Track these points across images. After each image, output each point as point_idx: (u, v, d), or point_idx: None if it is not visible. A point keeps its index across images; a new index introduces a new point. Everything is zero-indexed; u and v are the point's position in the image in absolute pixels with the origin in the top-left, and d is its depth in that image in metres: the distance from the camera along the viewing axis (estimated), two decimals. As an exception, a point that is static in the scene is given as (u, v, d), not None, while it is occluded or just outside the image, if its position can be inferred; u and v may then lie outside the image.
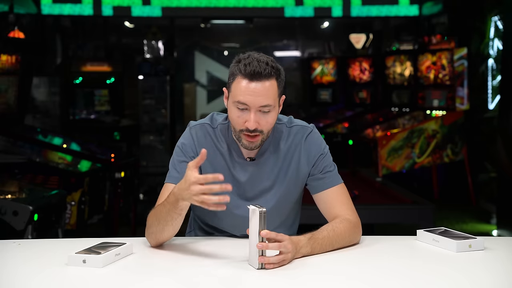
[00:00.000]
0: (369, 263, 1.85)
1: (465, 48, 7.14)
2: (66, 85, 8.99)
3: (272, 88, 1.93)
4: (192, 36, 10.57)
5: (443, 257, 1.90)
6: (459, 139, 7.23)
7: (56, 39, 9.45)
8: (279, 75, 1.96)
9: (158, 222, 1.92)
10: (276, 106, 1.97)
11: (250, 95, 1.91)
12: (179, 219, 1.89)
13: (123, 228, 5.65)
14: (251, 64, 1.91)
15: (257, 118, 1.94)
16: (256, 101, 1.92)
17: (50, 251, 1.96)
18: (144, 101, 9.12)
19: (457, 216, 6.44)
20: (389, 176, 6.81)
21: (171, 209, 1.86)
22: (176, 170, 2.05)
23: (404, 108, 8.21)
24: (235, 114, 1.96)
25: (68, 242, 2.12)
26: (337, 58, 9.83)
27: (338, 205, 2.07)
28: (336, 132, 8.63)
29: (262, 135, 1.98)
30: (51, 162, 5.12)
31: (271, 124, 1.98)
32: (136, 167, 6.05)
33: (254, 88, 1.91)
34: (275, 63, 1.96)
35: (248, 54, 1.96)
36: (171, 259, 1.87)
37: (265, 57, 1.95)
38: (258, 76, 1.91)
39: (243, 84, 1.92)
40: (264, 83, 1.92)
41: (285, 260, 1.78)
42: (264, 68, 1.91)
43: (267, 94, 1.92)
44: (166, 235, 1.94)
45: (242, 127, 1.96)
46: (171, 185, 2.03)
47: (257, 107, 1.93)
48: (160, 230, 1.92)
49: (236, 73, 1.94)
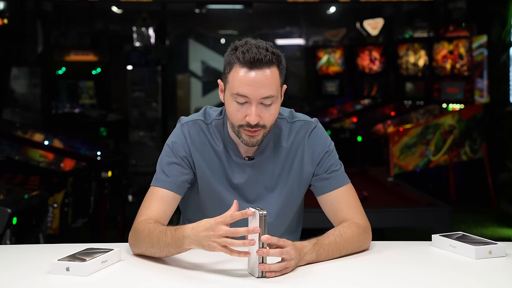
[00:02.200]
0: (379, 271, 1.85)
1: (484, 35, 7.13)
2: (47, 76, 8.98)
3: (274, 77, 1.91)
4: (186, 23, 10.56)
5: (460, 264, 1.90)
6: (478, 135, 7.22)
7: (37, 26, 9.44)
8: (280, 62, 1.93)
9: (150, 243, 1.88)
10: (279, 97, 1.95)
11: (251, 85, 1.88)
12: (175, 254, 1.86)
13: (110, 232, 5.65)
14: (250, 51, 1.88)
15: (259, 111, 1.91)
16: (257, 92, 1.89)
17: (30, 258, 1.95)
18: (133, 94, 9.12)
19: (476, 219, 6.44)
20: (401, 175, 6.80)
21: (172, 245, 1.82)
22: (164, 172, 2.02)
23: (418, 101, 8.21)
24: (234, 108, 1.93)
25: (50, 248, 2.12)
26: (344, 47, 9.82)
27: (346, 207, 2.06)
28: (343, 128, 8.63)
29: (264, 130, 1.95)
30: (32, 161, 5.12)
31: (274, 117, 1.96)
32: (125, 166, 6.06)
33: (255, 78, 1.88)
34: (275, 49, 1.93)
35: (245, 41, 1.93)
36: (163, 266, 1.87)
37: (264, 43, 1.93)
38: (259, 64, 1.88)
39: (242, 74, 1.89)
40: (265, 71, 1.89)
41: (288, 268, 1.78)
42: (265, 55, 1.88)
43: (269, 83, 1.89)
44: (153, 255, 1.91)
45: (242, 122, 1.93)
46: (160, 190, 2.00)
47: (259, 99, 1.90)
48: (149, 250, 1.90)
49: (233, 62, 1.91)
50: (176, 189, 2.00)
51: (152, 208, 1.96)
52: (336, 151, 2.13)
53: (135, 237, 1.95)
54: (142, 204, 2.02)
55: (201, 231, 1.73)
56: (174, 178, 2.01)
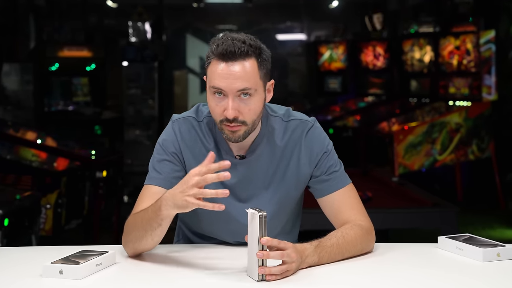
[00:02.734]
0: (383, 273, 1.85)
1: (492, 30, 7.13)
2: (40, 73, 8.98)
3: (252, 69, 1.91)
4: (184, 17, 10.56)
5: (468, 267, 1.90)
6: (486, 134, 7.22)
7: (29, 20, 9.44)
8: (259, 54, 1.94)
9: (136, 229, 1.91)
10: (259, 90, 1.94)
11: (225, 78, 1.89)
12: (159, 230, 1.86)
13: (104, 234, 5.65)
14: (225, 43, 1.90)
15: (236, 106, 1.91)
16: (232, 85, 1.89)
17: (22, 261, 1.95)
18: (129, 91, 9.11)
19: (483, 220, 6.44)
20: (406, 175, 6.80)
21: (153, 216, 1.85)
22: (156, 170, 2.03)
23: (423, 99, 8.21)
24: (213, 103, 1.94)
25: (42, 250, 2.12)
26: (347, 42, 9.82)
27: (347, 209, 2.05)
28: (346, 126, 8.63)
29: (246, 127, 1.95)
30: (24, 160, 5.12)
31: (255, 113, 1.95)
32: (120, 165, 6.06)
33: (228, 70, 1.90)
34: (254, 41, 1.94)
35: (224, 34, 1.97)
36: (159, 270, 1.87)
37: (244, 36, 1.94)
38: (232, 56, 1.89)
39: (216, 66, 1.91)
40: (241, 63, 1.90)
41: (289, 271, 1.77)
42: (239, 47, 1.89)
43: (245, 76, 1.90)
44: (144, 246, 1.93)
45: (221, 117, 1.93)
46: (152, 187, 2.01)
47: (235, 92, 1.90)
48: (137, 238, 1.91)
49: (209, 55, 1.95)
50: (168, 186, 1.99)
51: (144, 205, 1.96)
52: (335, 150, 2.13)
53: (124, 231, 1.97)
54: (135, 203, 2.03)
55: (177, 188, 1.77)
56: (166, 175, 2.02)
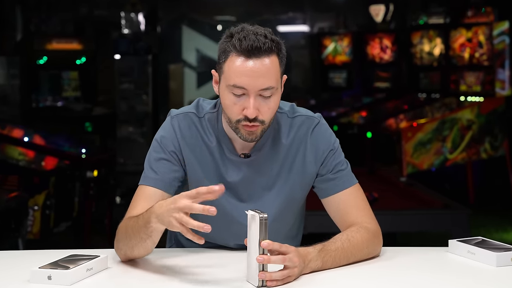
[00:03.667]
0: (391, 279, 1.85)
1: (506, 21, 7.13)
2: (27, 66, 8.97)
3: (274, 66, 1.91)
4: (179, 8, 10.56)
5: (480, 272, 1.90)
6: (499, 131, 7.23)
7: (15, 11, 9.43)
8: (280, 50, 1.94)
9: (127, 237, 1.90)
10: (279, 88, 1.95)
11: (249, 76, 1.88)
12: (149, 241, 1.86)
13: (96, 237, 5.65)
14: (248, 38, 1.88)
15: (257, 104, 1.91)
16: (256, 83, 1.88)
17: (8, 266, 1.96)
18: (121, 86, 9.11)
19: (496, 223, 6.45)
20: (415, 175, 6.81)
21: (142, 227, 1.84)
22: (152, 169, 2.02)
23: (433, 94, 8.21)
24: (231, 101, 1.92)
25: (30, 254, 2.12)
26: (352, 34, 9.82)
27: (354, 210, 2.06)
28: (351, 123, 8.63)
29: (263, 126, 1.95)
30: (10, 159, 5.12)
31: (273, 112, 1.96)
32: (112, 164, 6.06)
33: (253, 67, 1.88)
34: (274, 36, 1.93)
35: (242, 27, 1.93)
36: (153, 275, 1.87)
37: (262, 29, 1.93)
38: (257, 52, 1.88)
39: (239, 63, 1.89)
40: (264, 60, 1.89)
41: (291, 276, 1.77)
42: (264, 42, 1.88)
43: (268, 73, 1.89)
44: (136, 254, 1.93)
45: (239, 116, 1.92)
46: (147, 188, 2.01)
47: (257, 91, 1.89)
48: (128, 247, 1.91)
49: (228, 50, 1.91)
50: (165, 187, 2.00)
51: (138, 209, 1.95)
52: (341, 149, 2.13)
53: (116, 238, 1.97)
54: (130, 205, 2.02)
55: (166, 205, 1.75)
56: (163, 175, 2.01)
